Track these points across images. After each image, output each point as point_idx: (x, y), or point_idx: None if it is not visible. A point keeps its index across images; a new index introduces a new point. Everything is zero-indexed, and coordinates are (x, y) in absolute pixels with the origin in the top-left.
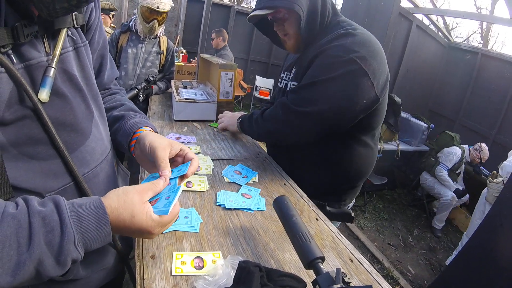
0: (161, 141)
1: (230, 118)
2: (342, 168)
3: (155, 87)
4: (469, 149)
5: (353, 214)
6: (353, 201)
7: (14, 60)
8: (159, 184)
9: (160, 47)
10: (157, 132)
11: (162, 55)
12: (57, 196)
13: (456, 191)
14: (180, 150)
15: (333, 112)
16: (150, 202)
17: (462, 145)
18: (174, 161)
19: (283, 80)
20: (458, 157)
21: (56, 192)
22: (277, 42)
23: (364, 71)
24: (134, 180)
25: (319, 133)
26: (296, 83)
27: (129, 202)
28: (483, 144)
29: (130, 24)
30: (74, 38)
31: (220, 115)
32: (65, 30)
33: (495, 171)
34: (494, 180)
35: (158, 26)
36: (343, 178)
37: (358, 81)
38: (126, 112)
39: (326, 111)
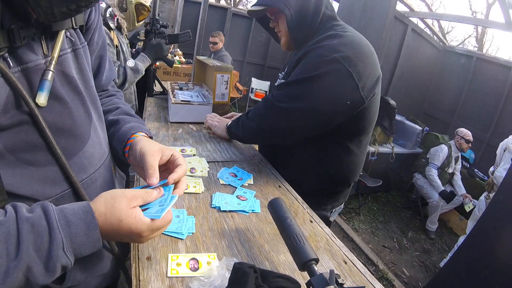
0: (151, 146)
1: (219, 123)
2: (322, 172)
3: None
4: (454, 142)
5: (331, 219)
6: (341, 207)
7: (11, 64)
8: (151, 194)
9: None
10: (151, 137)
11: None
12: (45, 202)
13: (443, 193)
14: (171, 156)
15: (315, 111)
16: (142, 209)
17: (449, 142)
18: (166, 168)
19: (278, 79)
20: (445, 153)
21: (53, 198)
22: (277, 38)
23: (348, 71)
24: (130, 182)
25: (301, 132)
26: (283, 81)
27: (117, 206)
28: (457, 129)
29: (108, 19)
30: (73, 39)
31: (209, 116)
32: (63, 31)
33: (491, 178)
34: (490, 196)
35: None
36: (323, 183)
37: (342, 81)
38: (121, 116)
39: (308, 109)
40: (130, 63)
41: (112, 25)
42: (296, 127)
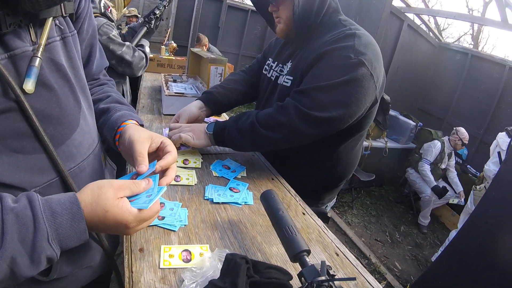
0: (140, 133)
1: (194, 133)
2: (327, 169)
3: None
4: (448, 138)
5: (329, 215)
6: (334, 200)
7: None
8: (140, 185)
9: None
10: (142, 125)
11: None
12: (31, 192)
13: (435, 188)
14: (161, 143)
15: (347, 117)
16: (129, 200)
17: (442, 138)
18: (157, 156)
19: (272, 70)
20: (438, 149)
21: (41, 187)
22: (271, 23)
23: (371, 74)
24: (120, 173)
25: (323, 136)
26: (291, 78)
27: (103, 196)
28: (458, 128)
29: (108, 13)
30: (62, 27)
31: (172, 125)
32: (51, 19)
33: (482, 173)
34: (477, 187)
35: None
36: (326, 179)
37: (368, 85)
38: (112, 104)
39: (342, 116)
40: (147, 49)
41: (111, 17)
42: (324, 134)
